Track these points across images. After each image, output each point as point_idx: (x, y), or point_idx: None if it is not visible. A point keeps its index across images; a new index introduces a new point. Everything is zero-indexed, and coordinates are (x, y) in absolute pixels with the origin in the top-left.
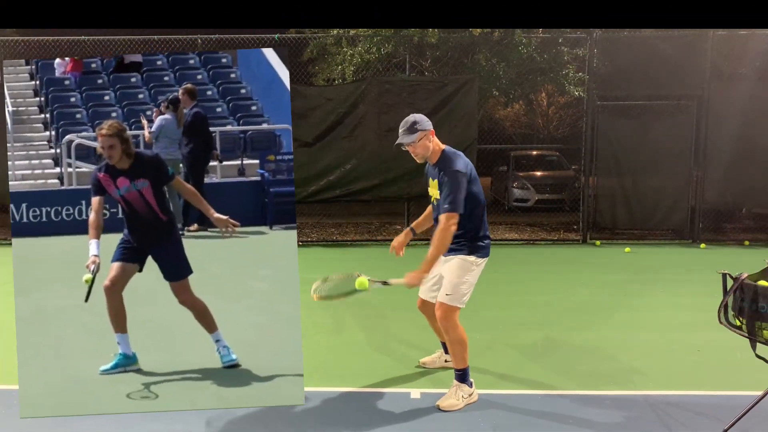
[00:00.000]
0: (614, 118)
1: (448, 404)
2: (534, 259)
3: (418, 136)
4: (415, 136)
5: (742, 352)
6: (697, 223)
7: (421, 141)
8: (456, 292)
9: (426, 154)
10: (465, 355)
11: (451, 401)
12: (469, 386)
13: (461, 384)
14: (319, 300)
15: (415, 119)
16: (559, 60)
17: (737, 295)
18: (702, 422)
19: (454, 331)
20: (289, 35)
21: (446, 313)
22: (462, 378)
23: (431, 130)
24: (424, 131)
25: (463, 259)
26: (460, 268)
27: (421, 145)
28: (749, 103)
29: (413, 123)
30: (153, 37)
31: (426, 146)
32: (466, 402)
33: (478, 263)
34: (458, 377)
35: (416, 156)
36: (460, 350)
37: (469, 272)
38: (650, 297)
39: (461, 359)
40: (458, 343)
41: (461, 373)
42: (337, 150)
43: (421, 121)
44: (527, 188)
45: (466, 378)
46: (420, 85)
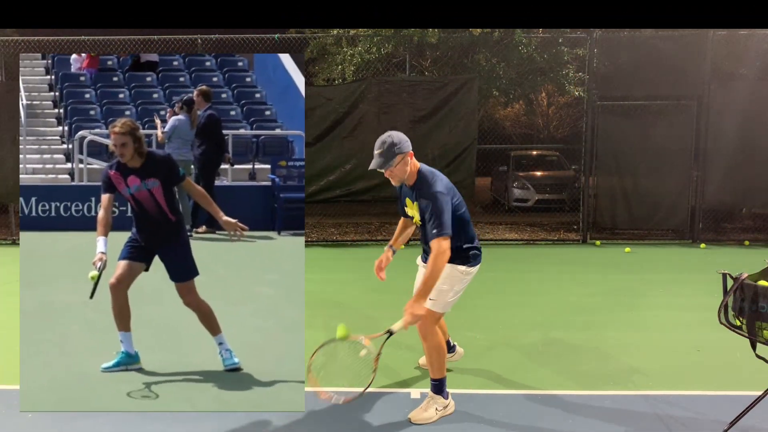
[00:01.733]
0: (614, 118)
1: (422, 417)
2: (534, 259)
3: (396, 161)
4: (393, 160)
5: (742, 352)
6: (697, 223)
7: (398, 165)
8: (441, 299)
9: (403, 177)
10: (443, 363)
11: (425, 414)
12: (444, 398)
13: (436, 396)
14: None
15: (393, 140)
16: (559, 60)
17: (737, 295)
18: (702, 422)
19: (433, 337)
20: (289, 35)
21: (427, 318)
22: (438, 389)
23: (410, 152)
24: (402, 154)
25: (453, 268)
26: (448, 277)
27: (399, 169)
28: (749, 103)
29: (391, 145)
30: (153, 37)
31: (404, 170)
32: (441, 414)
33: (469, 272)
34: (434, 388)
35: (393, 180)
36: (438, 357)
37: (459, 282)
38: (650, 297)
39: (438, 368)
40: (436, 350)
41: (437, 384)
42: (337, 150)
43: (400, 142)
44: (527, 188)
45: (443, 389)
46: (420, 85)
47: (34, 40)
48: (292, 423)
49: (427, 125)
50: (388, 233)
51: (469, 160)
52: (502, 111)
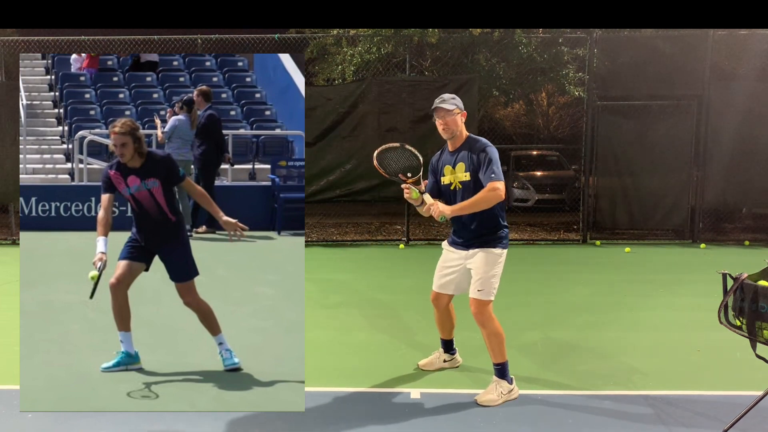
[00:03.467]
0: (614, 118)
1: (486, 399)
2: (534, 259)
3: (457, 110)
4: (453, 107)
5: (742, 352)
6: (697, 223)
7: (458, 116)
8: (487, 287)
9: (455, 130)
10: (503, 348)
11: (490, 396)
12: (509, 382)
13: (500, 380)
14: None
15: (454, 96)
16: (559, 60)
17: (737, 295)
18: (702, 422)
19: (491, 323)
20: (289, 35)
21: (480, 307)
22: (501, 373)
23: (465, 113)
24: (461, 110)
25: (489, 252)
26: (487, 263)
27: (454, 120)
28: (749, 103)
29: (452, 97)
30: (153, 37)
31: (457, 123)
32: (505, 399)
33: (503, 254)
34: (497, 372)
35: (446, 128)
36: (498, 343)
37: (497, 264)
38: (650, 297)
39: (499, 353)
40: (495, 336)
41: (500, 368)
42: (337, 150)
43: (459, 100)
44: (527, 188)
45: (506, 373)
46: (420, 85)
47: (34, 40)
48: (292, 423)
49: (427, 125)
50: (388, 233)
51: None
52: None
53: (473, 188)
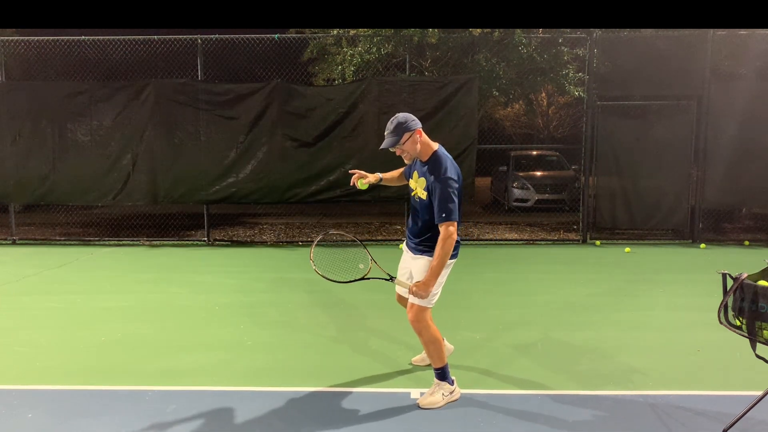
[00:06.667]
0: (614, 118)
1: (428, 402)
2: (534, 259)
3: (405, 138)
4: (401, 138)
5: (742, 352)
6: (697, 223)
7: (407, 142)
8: None
9: (414, 154)
10: (441, 354)
11: (431, 399)
12: (449, 384)
13: (441, 382)
14: None
15: (399, 120)
16: (559, 60)
17: (737, 295)
18: (702, 422)
19: (427, 331)
20: (289, 35)
21: (417, 314)
22: (442, 376)
23: (418, 129)
24: (410, 132)
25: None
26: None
27: (409, 146)
28: (749, 103)
29: (398, 124)
30: (153, 37)
31: (414, 147)
32: (447, 400)
33: (450, 264)
34: (438, 375)
35: (405, 158)
36: (435, 349)
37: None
38: (650, 297)
39: (438, 358)
40: (432, 343)
41: (440, 372)
42: (337, 150)
43: (407, 120)
44: (527, 188)
45: (446, 376)
46: (420, 85)
47: (34, 40)
48: (292, 423)
49: (427, 125)
50: (388, 233)
51: (469, 160)
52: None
53: (428, 209)
